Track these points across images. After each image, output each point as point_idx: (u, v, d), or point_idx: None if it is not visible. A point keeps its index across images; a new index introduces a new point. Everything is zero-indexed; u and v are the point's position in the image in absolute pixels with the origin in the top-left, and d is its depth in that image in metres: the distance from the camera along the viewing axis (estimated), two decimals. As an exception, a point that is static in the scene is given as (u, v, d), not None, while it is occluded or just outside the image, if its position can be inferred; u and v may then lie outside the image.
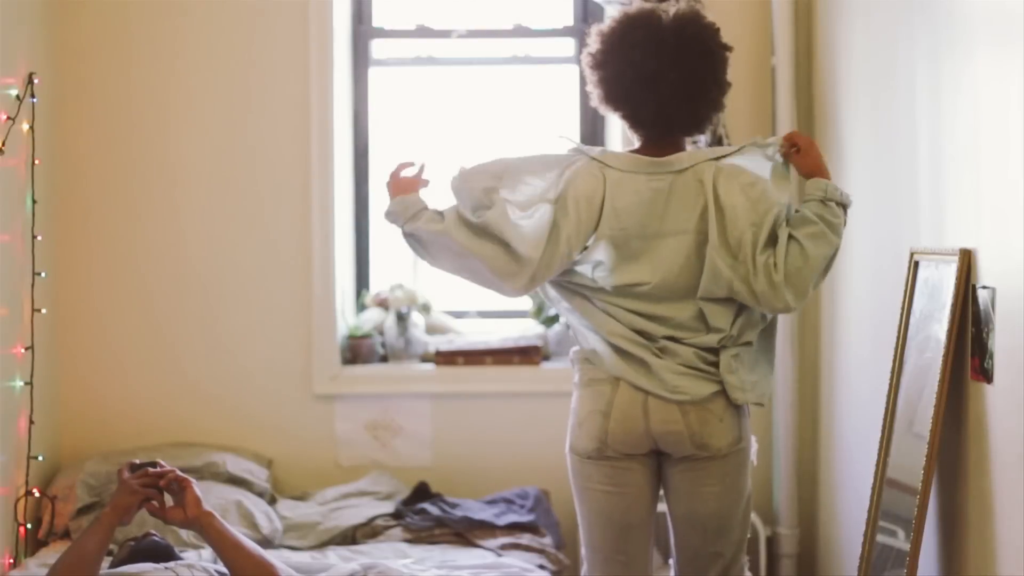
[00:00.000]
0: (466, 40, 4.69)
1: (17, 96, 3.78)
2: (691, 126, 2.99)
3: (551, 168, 2.96)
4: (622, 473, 2.97)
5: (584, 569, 3.13)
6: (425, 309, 4.58)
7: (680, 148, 2.99)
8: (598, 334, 2.97)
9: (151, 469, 3.08)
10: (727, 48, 2.97)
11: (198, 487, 3.08)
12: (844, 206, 2.92)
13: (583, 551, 3.10)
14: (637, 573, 3.02)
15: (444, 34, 4.68)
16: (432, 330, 4.62)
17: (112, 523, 3.04)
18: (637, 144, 3.01)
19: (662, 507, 3.07)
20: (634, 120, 2.98)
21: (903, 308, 3.08)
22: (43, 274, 3.91)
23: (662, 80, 2.89)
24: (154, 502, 3.06)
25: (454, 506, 4.09)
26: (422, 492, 4.23)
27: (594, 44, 2.98)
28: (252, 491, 4.09)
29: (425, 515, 4.00)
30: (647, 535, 3.04)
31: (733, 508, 2.99)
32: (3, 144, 3.63)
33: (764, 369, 3.02)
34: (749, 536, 3.08)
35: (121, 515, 3.06)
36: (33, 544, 3.88)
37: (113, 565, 3.12)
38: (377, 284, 4.70)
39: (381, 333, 4.53)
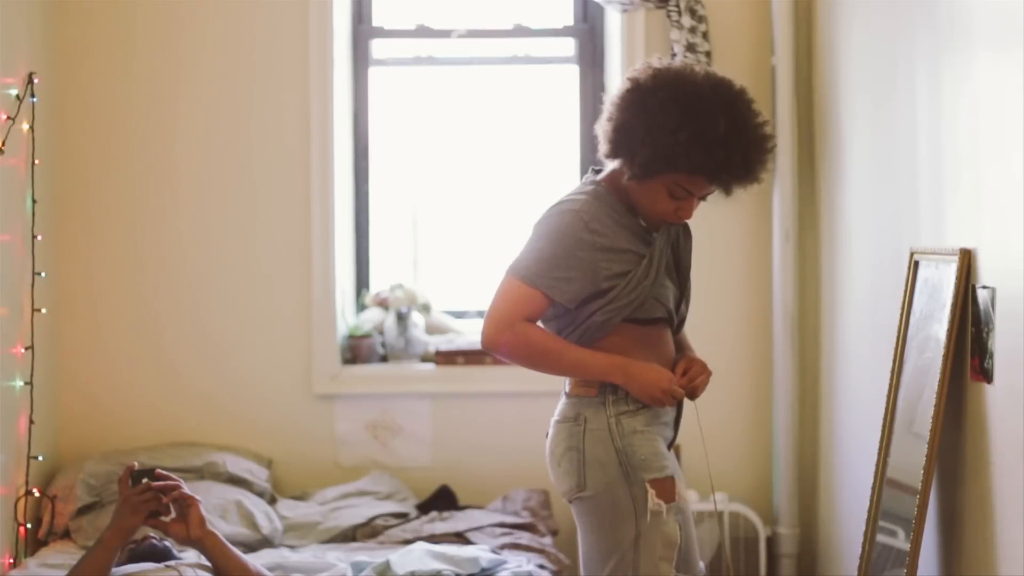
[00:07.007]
0: (466, 40, 4.69)
1: (17, 96, 3.78)
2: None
3: None
4: None
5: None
6: (425, 309, 4.57)
7: None
8: None
9: (154, 483, 3.06)
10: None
11: (203, 506, 3.07)
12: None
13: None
14: None
15: (444, 34, 4.68)
16: (432, 330, 4.61)
17: (115, 545, 3.03)
18: None
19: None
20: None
21: (903, 308, 3.08)
22: (43, 274, 3.90)
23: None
24: (159, 517, 3.05)
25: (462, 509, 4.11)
26: (442, 496, 4.25)
27: (621, 89, 2.80)
28: (252, 491, 4.09)
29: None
30: None
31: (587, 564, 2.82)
32: (3, 144, 3.62)
33: None
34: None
35: (125, 537, 3.05)
36: (33, 544, 3.87)
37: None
38: (377, 284, 4.70)
39: (381, 333, 4.52)
